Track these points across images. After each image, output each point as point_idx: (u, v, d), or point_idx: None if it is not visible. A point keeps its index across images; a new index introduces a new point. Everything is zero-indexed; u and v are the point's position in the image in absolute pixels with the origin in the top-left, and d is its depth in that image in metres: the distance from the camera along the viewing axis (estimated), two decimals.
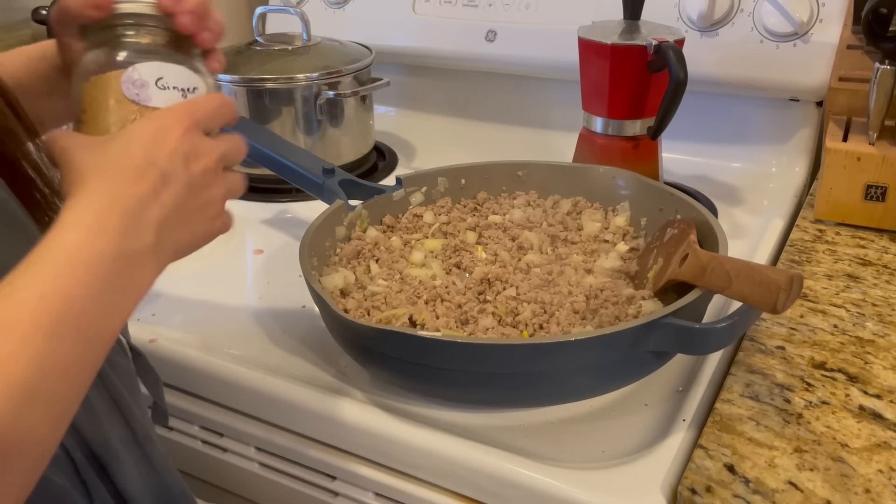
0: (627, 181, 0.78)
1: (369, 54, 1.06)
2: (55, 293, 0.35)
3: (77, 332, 0.35)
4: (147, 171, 0.40)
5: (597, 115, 0.89)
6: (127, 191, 0.39)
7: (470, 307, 0.64)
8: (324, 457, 0.62)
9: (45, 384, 0.34)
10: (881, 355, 0.61)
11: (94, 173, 0.40)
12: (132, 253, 0.38)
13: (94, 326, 0.36)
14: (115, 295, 0.37)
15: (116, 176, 0.40)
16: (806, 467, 0.50)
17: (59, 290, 0.35)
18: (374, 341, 0.58)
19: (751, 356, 0.62)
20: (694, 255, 0.59)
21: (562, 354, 0.54)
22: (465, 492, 0.57)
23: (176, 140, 0.42)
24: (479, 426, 0.59)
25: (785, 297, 0.51)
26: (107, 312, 0.37)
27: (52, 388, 0.34)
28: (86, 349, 0.36)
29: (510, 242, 0.75)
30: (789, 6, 0.92)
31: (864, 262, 0.75)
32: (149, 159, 0.40)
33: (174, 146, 0.41)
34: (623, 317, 0.62)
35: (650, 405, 0.61)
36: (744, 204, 0.95)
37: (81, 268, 0.36)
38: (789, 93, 0.98)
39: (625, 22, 0.87)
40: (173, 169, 0.41)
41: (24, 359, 0.33)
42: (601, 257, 0.72)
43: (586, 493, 0.51)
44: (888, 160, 0.78)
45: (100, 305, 0.37)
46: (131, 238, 0.38)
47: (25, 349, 0.33)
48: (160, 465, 0.52)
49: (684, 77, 0.79)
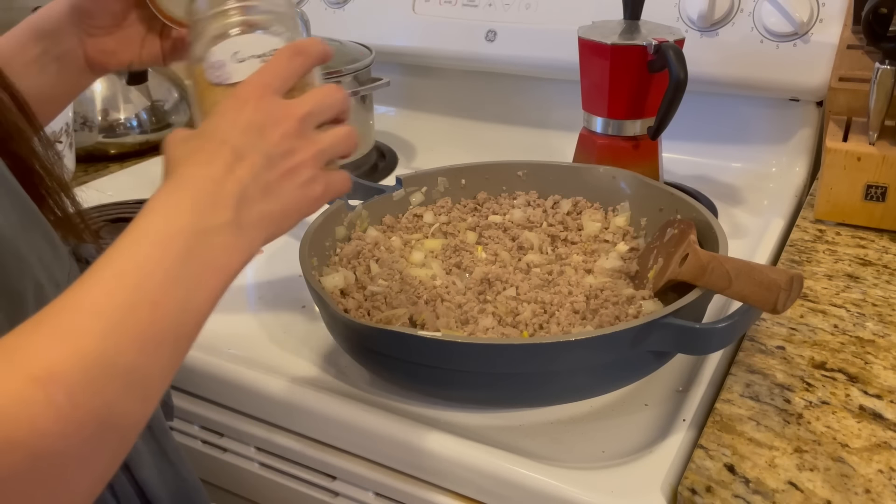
0: (627, 181, 0.78)
1: (369, 54, 1.06)
2: (129, 270, 0.35)
3: (154, 305, 0.35)
4: (220, 151, 0.40)
5: (597, 115, 0.89)
6: (199, 173, 0.40)
7: (470, 307, 0.64)
8: (324, 457, 0.62)
9: (123, 357, 0.34)
10: (881, 355, 0.61)
11: (176, 163, 0.41)
12: (208, 229, 0.38)
13: (174, 301, 0.36)
14: (192, 270, 0.37)
15: (192, 160, 0.40)
16: (806, 467, 0.50)
17: (133, 267, 0.36)
18: (374, 341, 0.58)
19: (751, 356, 0.62)
20: (694, 255, 0.59)
21: (562, 354, 0.54)
22: (465, 492, 0.57)
23: (249, 113, 0.41)
24: (479, 426, 0.59)
25: (785, 297, 0.51)
26: (186, 287, 0.37)
27: (130, 361, 0.34)
28: (166, 323, 0.36)
29: (510, 242, 0.75)
30: (789, 6, 0.92)
31: (864, 262, 0.75)
32: (222, 138, 0.41)
33: (247, 119, 0.41)
34: (623, 317, 0.62)
35: (650, 405, 0.61)
36: (744, 204, 0.95)
37: (156, 245, 0.37)
38: (789, 93, 0.98)
39: (625, 22, 0.87)
40: (247, 142, 0.41)
41: (97, 332, 0.33)
42: (601, 257, 0.72)
43: (586, 493, 0.51)
44: (888, 160, 0.78)
45: (176, 280, 0.36)
46: (206, 216, 0.38)
47: (98, 322, 0.33)
48: (175, 458, 0.53)
49: (684, 77, 0.79)
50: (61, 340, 0.32)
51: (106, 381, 0.33)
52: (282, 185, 0.42)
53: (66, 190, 0.49)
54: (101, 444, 0.33)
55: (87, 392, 0.32)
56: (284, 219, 0.42)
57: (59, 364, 0.32)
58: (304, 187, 0.43)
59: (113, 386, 0.33)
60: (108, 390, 0.33)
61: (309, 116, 0.43)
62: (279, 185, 0.41)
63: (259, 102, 0.42)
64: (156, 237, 0.37)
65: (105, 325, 0.33)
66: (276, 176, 0.41)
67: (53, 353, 0.32)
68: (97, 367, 0.32)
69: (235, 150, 0.40)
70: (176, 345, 0.37)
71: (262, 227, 0.41)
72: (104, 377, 0.33)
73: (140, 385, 0.35)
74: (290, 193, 0.42)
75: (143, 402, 0.35)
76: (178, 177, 0.40)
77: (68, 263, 0.46)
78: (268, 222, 0.41)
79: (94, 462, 0.33)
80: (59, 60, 0.57)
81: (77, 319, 0.33)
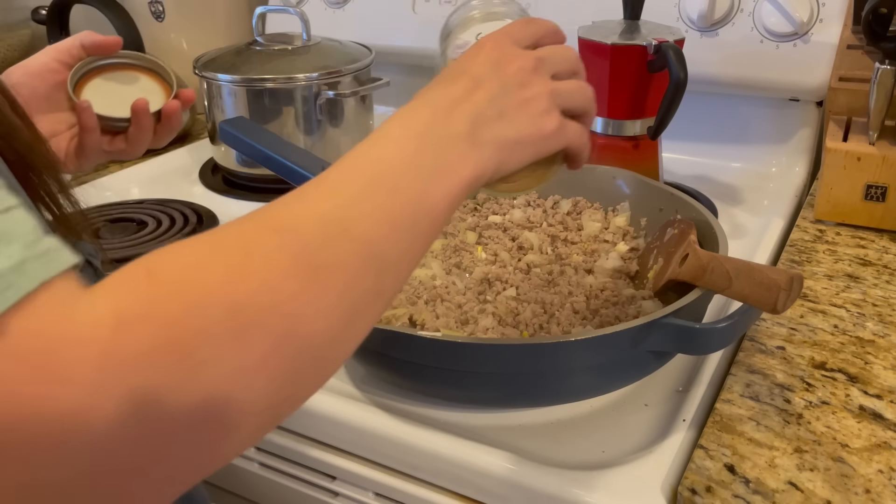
0: (627, 181, 0.78)
1: (369, 54, 1.06)
2: (367, 162, 0.38)
3: (391, 190, 0.36)
4: (459, 78, 0.43)
5: (597, 114, 0.89)
6: (438, 92, 0.42)
7: (470, 307, 0.64)
8: (324, 457, 0.62)
9: (359, 225, 0.34)
10: (881, 355, 0.61)
11: (416, 97, 0.43)
12: (443, 135, 0.40)
13: (410, 191, 0.37)
14: (427, 168, 0.38)
15: (432, 86, 0.43)
16: (806, 467, 0.50)
17: (372, 160, 0.38)
18: (373, 341, 0.57)
19: (751, 356, 0.62)
20: (694, 255, 0.59)
21: (562, 354, 0.54)
22: (465, 492, 0.57)
23: (488, 50, 0.44)
24: (479, 426, 0.59)
25: (785, 297, 0.51)
26: (422, 181, 0.38)
27: (366, 231, 0.35)
28: (403, 209, 0.37)
29: (510, 242, 0.75)
30: (789, 6, 0.92)
31: (864, 263, 0.75)
32: (461, 69, 0.43)
33: (486, 55, 0.44)
34: (623, 317, 0.62)
35: (650, 405, 0.61)
36: (744, 204, 0.95)
37: (394, 142, 0.39)
38: (789, 93, 0.98)
39: (625, 22, 0.87)
40: (484, 72, 0.43)
41: (335, 200, 0.35)
42: (601, 257, 0.72)
43: (586, 493, 0.51)
44: (888, 160, 0.78)
45: (413, 172, 0.38)
46: (441, 124, 0.40)
47: (336, 195, 0.35)
48: None
49: (684, 77, 0.79)
50: (299, 202, 0.35)
51: (342, 242, 0.33)
52: (517, 112, 0.43)
53: (65, 189, 0.49)
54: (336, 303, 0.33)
55: (322, 245, 0.33)
56: (518, 146, 0.43)
57: (296, 219, 0.33)
58: (539, 118, 0.44)
59: (348, 248, 0.34)
60: (343, 250, 0.33)
61: (543, 61, 0.45)
62: (514, 111, 0.43)
63: (496, 44, 0.44)
64: (394, 137, 0.39)
65: (343, 198, 0.35)
66: (511, 103, 0.43)
67: (291, 211, 0.34)
68: (334, 227, 0.33)
69: (474, 78, 0.42)
70: (412, 234, 0.37)
71: (495, 148, 0.41)
72: (340, 237, 0.33)
73: (376, 259, 0.35)
74: (525, 121, 0.43)
75: (377, 276, 0.35)
76: (418, 97, 0.42)
77: None
78: (501, 145, 0.42)
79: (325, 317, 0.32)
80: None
81: (316, 191, 0.35)
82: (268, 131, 0.85)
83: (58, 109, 0.64)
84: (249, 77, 0.98)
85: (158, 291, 0.28)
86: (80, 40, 0.65)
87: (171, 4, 1.31)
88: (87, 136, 0.64)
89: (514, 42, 0.45)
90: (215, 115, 1.03)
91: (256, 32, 1.07)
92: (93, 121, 0.63)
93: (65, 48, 0.65)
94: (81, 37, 0.65)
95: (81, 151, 0.64)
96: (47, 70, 0.64)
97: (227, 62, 1.02)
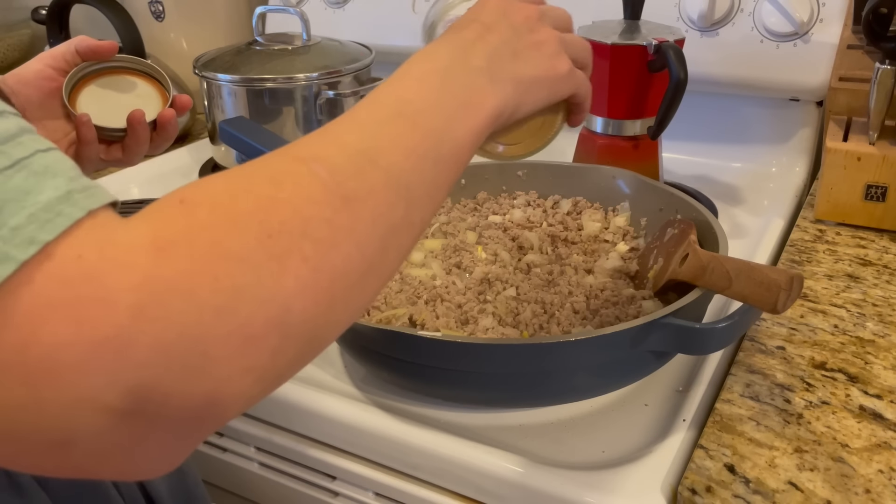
0: (627, 181, 0.78)
1: (369, 54, 1.06)
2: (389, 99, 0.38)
3: (413, 124, 0.37)
4: (470, 24, 0.44)
5: (597, 114, 0.89)
6: (452, 37, 0.44)
7: (470, 307, 0.64)
8: (324, 457, 0.62)
9: (385, 156, 0.35)
10: (881, 355, 0.61)
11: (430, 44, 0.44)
12: (462, 70, 0.41)
13: (433, 124, 0.38)
14: (449, 102, 0.39)
15: (444, 35, 0.45)
16: (806, 467, 0.50)
17: (393, 97, 0.39)
18: (373, 341, 0.58)
19: (751, 356, 0.62)
20: (694, 254, 0.59)
21: (562, 354, 0.54)
22: (465, 492, 0.57)
23: (493, 3, 0.46)
24: (479, 426, 0.59)
25: (785, 297, 0.51)
26: (444, 116, 0.39)
27: (393, 162, 0.35)
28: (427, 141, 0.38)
29: (510, 242, 0.75)
30: (789, 6, 0.92)
31: (864, 262, 0.75)
32: (470, 17, 0.45)
33: (493, 5, 0.46)
34: (623, 317, 0.62)
35: (650, 405, 0.61)
36: (744, 204, 0.95)
37: (414, 79, 0.40)
38: (789, 93, 0.98)
39: (625, 22, 0.87)
40: (494, 19, 0.45)
41: (359, 134, 0.36)
42: (601, 257, 0.72)
43: (586, 493, 0.51)
44: (888, 160, 0.78)
45: (434, 107, 0.39)
46: (458, 60, 0.41)
47: (360, 129, 0.36)
48: None
49: (684, 77, 0.79)
50: (324, 136, 0.35)
51: (369, 171, 0.34)
52: (530, 53, 0.44)
53: None
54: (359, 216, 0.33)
55: (350, 174, 0.33)
56: (534, 85, 0.44)
57: (322, 151, 0.34)
58: (552, 59, 0.45)
59: (376, 176, 0.34)
60: (371, 178, 0.34)
61: (545, 14, 0.47)
62: (527, 51, 0.44)
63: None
64: (413, 74, 0.40)
65: (367, 131, 0.36)
66: (524, 45, 0.44)
67: (317, 144, 0.35)
68: (360, 157, 0.34)
69: (485, 24, 0.44)
70: (436, 167, 0.38)
71: (513, 83, 0.43)
72: (367, 167, 0.34)
73: (404, 187, 0.35)
74: (539, 61, 0.45)
75: (407, 207, 0.35)
76: (433, 42, 0.43)
77: None
78: (518, 81, 0.43)
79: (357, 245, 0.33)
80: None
81: (340, 128, 0.36)
82: (268, 131, 0.85)
83: (52, 117, 0.64)
84: (249, 77, 0.98)
85: (193, 218, 0.29)
86: (75, 45, 0.65)
87: (171, 4, 1.31)
88: (84, 148, 0.63)
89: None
90: (215, 115, 1.03)
91: (256, 32, 1.07)
92: (92, 134, 0.63)
93: (59, 54, 0.64)
94: (76, 42, 0.65)
95: (78, 162, 0.64)
96: (42, 77, 0.63)
97: (227, 62, 1.02)
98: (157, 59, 1.24)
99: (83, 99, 0.65)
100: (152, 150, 0.68)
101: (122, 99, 0.67)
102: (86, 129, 0.62)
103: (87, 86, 0.66)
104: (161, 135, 0.67)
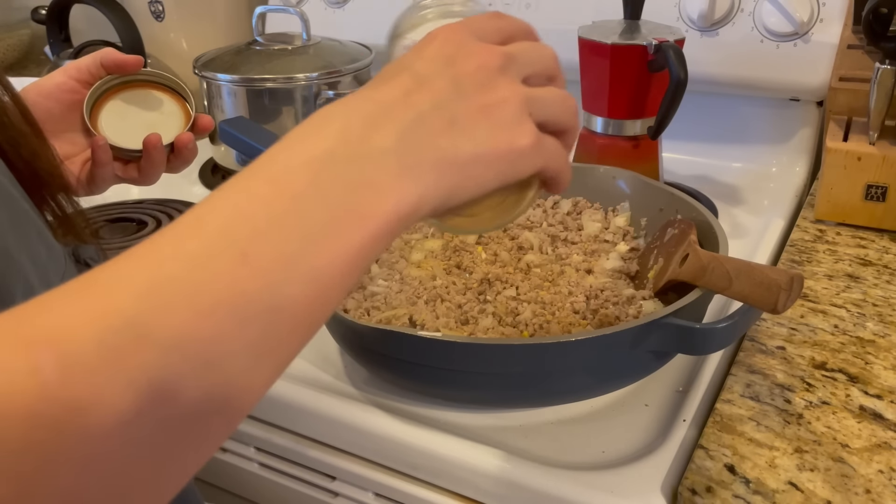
0: (627, 181, 0.78)
1: (369, 54, 1.06)
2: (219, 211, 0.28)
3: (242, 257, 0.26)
4: (396, 77, 0.33)
5: (597, 114, 0.89)
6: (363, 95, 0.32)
7: (470, 307, 0.64)
8: (324, 457, 0.62)
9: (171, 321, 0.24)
10: (882, 355, 0.61)
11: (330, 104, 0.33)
12: (352, 157, 0.29)
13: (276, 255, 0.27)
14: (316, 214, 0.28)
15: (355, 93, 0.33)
16: (806, 468, 0.50)
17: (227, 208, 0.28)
18: (374, 341, 0.57)
19: (751, 356, 0.62)
20: (694, 255, 0.59)
21: (562, 354, 0.54)
22: (465, 492, 0.57)
23: (438, 44, 0.34)
24: (479, 426, 0.59)
25: (785, 298, 0.51)
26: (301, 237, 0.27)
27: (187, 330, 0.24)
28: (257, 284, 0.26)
29: (510, 242, 0.75)
30: (790, 6, 0.92)
31: (864, 262, 0.75)
32: (400, 65, 0.33)
33: (435, 49, 0.33)
34: (623, 317, 0.62)
35: (650, 405, 0.61)
36: (744, 204, 0.95)
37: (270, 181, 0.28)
38: (790, 93, 0.98)
39: (625, 22, 0.87)
40: (431, 69, 0.33)
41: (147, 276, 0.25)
42: (601, 257, 0.72)
43: (586, 493, 0.51)
44: (888, 160, 0.78)
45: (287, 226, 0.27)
46: (354, 141, 0.30)
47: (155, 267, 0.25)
48: None
49: (684, 77, 0.79)
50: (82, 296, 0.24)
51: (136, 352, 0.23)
52: (475, 121, 0.32)
53: (68, 191, 0.49)
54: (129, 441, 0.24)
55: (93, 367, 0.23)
56: (476, 165, 0.32)
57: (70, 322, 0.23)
58: (507, 128, 0.33)
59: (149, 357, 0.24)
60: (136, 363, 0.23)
61: (513, 59, 0.34)
62: (471, 119, 0.32)
63: (450, 36, 0.34)
64: (274, 170, 0.28)
65: (161, 274, 0.25)
66: (467, 108, 0.32)
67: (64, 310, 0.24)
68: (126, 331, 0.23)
69: (417, 76, 0.32)
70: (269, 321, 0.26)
71: (441, 168, 0.31)
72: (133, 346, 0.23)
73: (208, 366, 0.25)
74: (486, 133, 0.32)
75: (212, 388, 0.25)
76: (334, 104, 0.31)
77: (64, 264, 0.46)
78: (449, 165, 0.31)
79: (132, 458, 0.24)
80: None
81: (129, 264, 0.25)
82: (268, 131, 0.85)
83: (72, 130, 0.63)
84: (249, 77, 0.98)
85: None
86: (101, 58, 0.63)
87: (171, 4, 1.31)
88: (99, 169, 0.62)
89: (474, 35, 0.35)
90: (215, 115, 1.03)
91: (256, 32, 1.07)
92: (107, 156, 0.62)
93: (84, 66, 0.63)
94: (101, 55, 0.63)
95: (93, 180, 0.63)
96: (64, 90, 0.62)
97: (226, 62, 1.02)
98: (157, 59, 1.24)
99: (105, 114, 0.64)
100: (169, 171, 0.66)
101: (144, 116, 0.66)
102: (101, 152, 0.61)
103: (109, 100, 0.65)
104: (178, 158, 0.66)
